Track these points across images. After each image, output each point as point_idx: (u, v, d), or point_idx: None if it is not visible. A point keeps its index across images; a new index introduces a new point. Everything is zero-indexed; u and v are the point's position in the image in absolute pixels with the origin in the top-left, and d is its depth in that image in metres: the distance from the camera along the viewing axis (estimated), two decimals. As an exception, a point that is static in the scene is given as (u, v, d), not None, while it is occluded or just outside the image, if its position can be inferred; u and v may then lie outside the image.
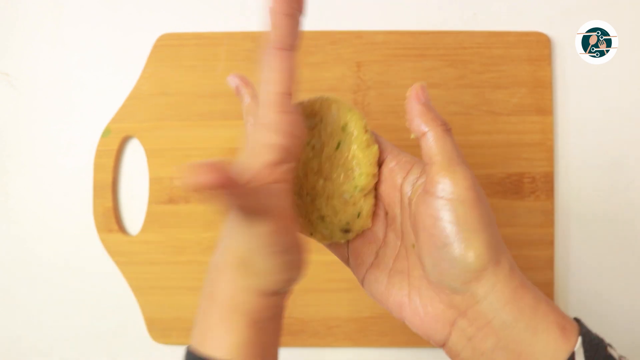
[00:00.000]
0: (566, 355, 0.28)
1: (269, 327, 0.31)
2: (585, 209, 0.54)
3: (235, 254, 0.29)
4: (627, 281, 0.53)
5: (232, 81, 0.35)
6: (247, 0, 0.56)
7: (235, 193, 0.23)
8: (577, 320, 0.30)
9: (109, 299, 0.55)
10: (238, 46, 0.54)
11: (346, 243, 0.34)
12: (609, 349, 0.29)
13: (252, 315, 0.30)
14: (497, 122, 0.54)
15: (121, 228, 0.55)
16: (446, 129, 0.30)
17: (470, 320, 0.29)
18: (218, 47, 0.55)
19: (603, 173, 0.54)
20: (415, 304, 0.31)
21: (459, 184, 0.28)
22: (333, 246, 0.35)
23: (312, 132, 0.33)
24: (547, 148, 0.53)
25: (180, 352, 0.54)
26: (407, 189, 0.32)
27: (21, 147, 0.56)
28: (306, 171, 0.33)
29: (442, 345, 0.30)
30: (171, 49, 0.55)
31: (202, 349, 0.30)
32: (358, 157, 0.32)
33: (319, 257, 0.53)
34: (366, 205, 0.33)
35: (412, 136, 0.31)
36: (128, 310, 0.54)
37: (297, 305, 0.53)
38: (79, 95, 0.56)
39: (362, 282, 0.33)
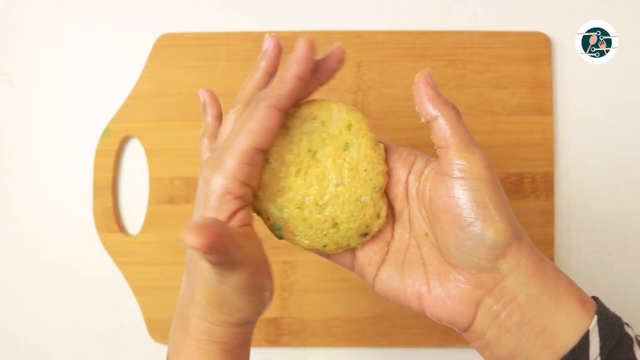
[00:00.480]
0: (587, 326, 0.28)
1: (241, 352, 0.33)
2: (585, 209, 0.54)
3: (209, 294, 0.30)
4: (627, 281, 0.53)
5: (201, 95, 0.36)
6: (247, 0, 0.56)
7: (221, 250, 0.25)
8: (595, 298, 0.30)
9: (109, 299, 0.55)
10: (238, 46, 0.54)
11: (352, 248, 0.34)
12: (625, 327, 0.29)
13: (226, 345, 0.32)
14: (497, 122, 0.54)
15: (121, 228, 0.55)
16: (457, 111, 0.30)
17: (497, 297, 0.29)
18: (218, 47, 0.55)
19: (603, 173, 0.54)
20: (436, 291, 0.31)
21: (478, 164, 0.29)
22: (337, 255, 0.34)
23: (310, 137, 0.32)
24: (547, 148, 0.53)
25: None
26: (413, 181, 0.32)
27: (21, 147, 0.56)
28: (309, 181, 0.32)
29: (466, 329, 0.30)
30: (171, 49, 0.55)
31: None
32: (370, 156, 0.31)
33: (320, 257, 0.53)
34: (384, 204, 0.32)
35: (422, 120, 0.31)
36: (128, 310, 0.54)
37: (297, 305, 0.53)
38: (79, 95, 0.56)
39: (373, 283, 0.33)
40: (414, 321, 0.53)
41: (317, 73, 0.32)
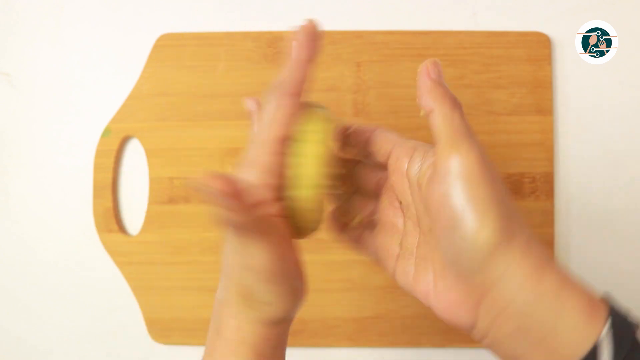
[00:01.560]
0: (594, 339, 0.26)
1: (274, 356, 0.32)
2: (585, 209, 0.54)
3: (237, 287, 0.30)
4: (627, 281, 0.53)
5: (249, 104, 0.35)
6: (247, 0, 0.56)
7: (240, 208, 0.25)
8: (607, 300, 0.28)
9: (109, 299, 0.55)
10: (238, 46, 0.54)
11: (371, 239, 0.34)
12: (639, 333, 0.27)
13: (258, 347, 0.31)
14: (497, 122, 0.54)
15: (121, 228, 0.55)
16: (455, 104, 0.29)
17: (491, 302, 0.28)
18: (218, 47, 0.55)
19: (603, 173, 0.54)
20: (439, 289, 0.30)
21: (465, 160, 0.27)
22: (358, 246, 0.35)
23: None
24: (547, 148, 0.53)
25: (180, 352, 0.54)
26: (413, 174, 0.31)
27: (21, 147, 0.56)
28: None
29: (470, 330, 0.29)
30: (171, 49, 0.55)
31: None
32: (306, 164, 0.30)
33: (319, 257, 0.53)
34: (313, 214, 0.31)
35: (422, 114, 0.30)
36: (128, 310, 0.54)
37: (297, 305, 0.53)
38: (79, 95, 0.56)
39: (393, 275, 0.33)
40: (414, 321, 0.53)
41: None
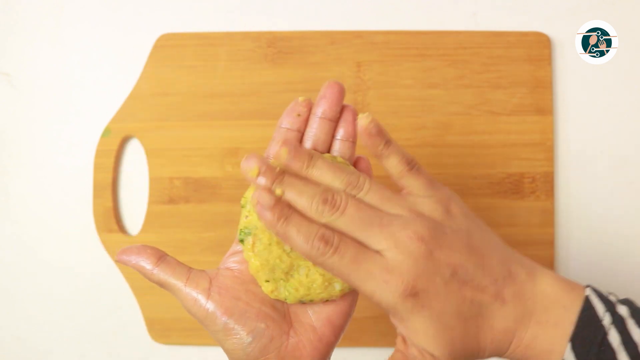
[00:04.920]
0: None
1: None
2: (585, 209, 0.54)
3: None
4: (627, 281, 0.53)
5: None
6: (247, 0, 0.56)
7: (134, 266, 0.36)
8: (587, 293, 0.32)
9: (109, 299, 0.55)
10: (238, 46, 0.54)
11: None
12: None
13: None
14: (497, 122, 0.54)
15: (121, 228, 0.55)
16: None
17: None
18: (218, 47, 0.55)
19: (603, 173, 0.54)
20: None
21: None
22: None
23: None
24: (547, 148, 0.53)
25: (180, 352, 0.54)
26: None
27: (21, 147, 0.56)
28: None
29: None
30: (171, 49, 0.55)
31: None
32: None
33: (319, 257, 0.53)
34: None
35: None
36: (128, 310, 0.54)
37: (297, 305, 0.53)
38: (79, 95, 0.56)
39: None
40: (414, 321, 0.53)
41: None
